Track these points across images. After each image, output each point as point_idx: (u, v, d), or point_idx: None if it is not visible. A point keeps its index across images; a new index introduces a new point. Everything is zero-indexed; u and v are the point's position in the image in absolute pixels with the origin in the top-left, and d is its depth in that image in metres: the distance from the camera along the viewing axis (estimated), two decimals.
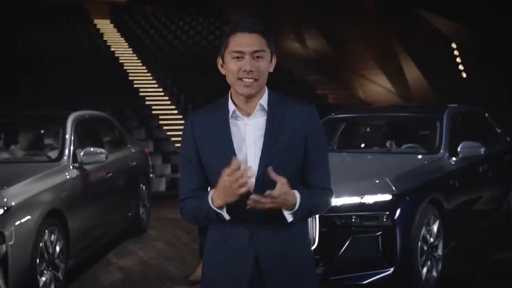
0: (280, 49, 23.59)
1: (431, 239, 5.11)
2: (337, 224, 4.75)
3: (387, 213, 4.74)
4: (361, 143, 7.00)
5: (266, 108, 2.26)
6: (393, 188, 4.84)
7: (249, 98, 2.25)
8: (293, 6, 21.53)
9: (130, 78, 18.53)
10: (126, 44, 23.18)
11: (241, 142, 2.24)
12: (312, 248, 4.69)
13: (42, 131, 6.65)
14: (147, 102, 16.62)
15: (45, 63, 17.73)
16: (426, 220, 5.04)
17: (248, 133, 2.25)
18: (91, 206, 5.83)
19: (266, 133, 2.23)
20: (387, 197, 4.79)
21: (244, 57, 2.20)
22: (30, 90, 15.30)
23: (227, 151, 2.22)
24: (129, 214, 7.18)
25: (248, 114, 2.26)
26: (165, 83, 18.32)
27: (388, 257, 4.75)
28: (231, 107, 2.27)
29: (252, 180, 2.16)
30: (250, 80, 2.20)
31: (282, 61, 21.19)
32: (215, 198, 2.16)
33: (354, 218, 4.75)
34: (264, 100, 2.27)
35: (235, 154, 2.21)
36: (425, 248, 5.01)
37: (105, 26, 25.45)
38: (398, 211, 4.77)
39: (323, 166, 2.33)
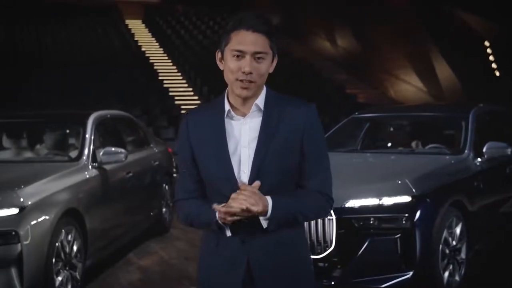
0: (310, 48, 23.48)
1: (454, 242, 4.96)
2: (355, 226, 4.65)
3: (406, 215, 4.62)
4: (386, 143, 6.86)
5: (262, 109, 2.19)
6: (413, 190, 4.72)
7: (245, 100, 2.18)
8: (323, 4, 21.37)
9: (160, 78, 18.64)
10: (157, 44, 23.36)
11: (236, 143, 2.17)
12: (329, 250, 4.63)
13: (68, 131, 6.69)
14: (176, 102, 16.69)
15: (75, 63, 17.95)
16: (448, 222, 4.90)
17: (243, 134, 2.17)
18: (110, 206, 5.83)
19: (260, 136, 2.15)
20: (406, 198, 4.67)
21: (244, 57, 2.12)
22: (61, 89, 15.51)
23: (221, 152, 2.16)
24: (151, 213, 7.18)
25: (243, 114, 2.19)
26: (194, 82, 18.37)
27: (407, 260, 4.63)
28: (227, 106, 2.21)
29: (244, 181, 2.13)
30: (247, 82, 2.13)
31: (312, 60, 21.13)
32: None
33: (372, 220, 4.64)
34: (260, 100, 2.20)
35: (229, 156, 2.16)
36: (447, 251, 4.88)
37: (137, 26, 25.69)
38: (418, 213, 4.65)
39: (322, 169, 2.22)
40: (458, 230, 5.02)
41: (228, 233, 2.14)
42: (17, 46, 20.04)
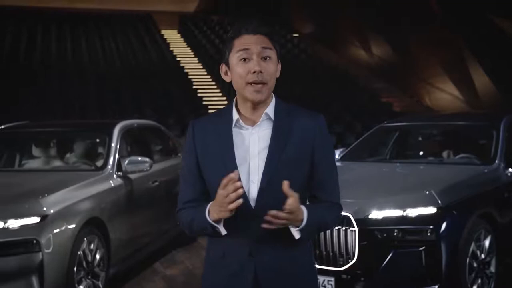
0: (345, 57, 23.32)
1: (482, 256, 4.81)
2: (378, 237, 4.53)
3: (431, 227, 4.48)
4: (415, 153, 6.72)
5: (272, 118, 2.15)
6: (439, 201, 4.58)
7: (257, 105, 2.14)
8: (358, 13, 21.21)
9: (194, 87, 18.74)
10: (192, 53, 23.51)
11: (245, 153, 2.13)
12: (352, 262, 4.54)
13: (98, 140, 6.75)
14: (210, 111, 16.74)
15: (111, 72, 18.19)
16: (476, 235, 4.75)
17: (252, 143, 2.14)
18: (135, 215, 5.83)
19: (271, 145, 2.12)
20: (432, 210, 4.54)
21: (251, 58, 2.10)
22: (97, 98, 15.72)
23: (228, 162, 2.12)
24: (178, 223, 7.16)
25: (253, 123, 2.16)
26: (228, 92, 18.41)
27: (433, 274, 4.49)
28: (235, 115, 2.17)
29: (241, 193, 2.05)
30: (260, 85, 2.09)
31: (347, 69, 20.97)
32: (212, 211, 2.07)
33: (396, 232, 4.52)
34: (270, 109, 2.17)
35: (236, 165, 2.11)
36: (475, 265, 4.72)
37: (172, 36, 25.91)
38: (443, 225, 4.51)
39: (332, 179, 2.22)
40: (487, 243, 4.86)
41: (223, 231, 2.08)
42: (51, 54, 20.40)
